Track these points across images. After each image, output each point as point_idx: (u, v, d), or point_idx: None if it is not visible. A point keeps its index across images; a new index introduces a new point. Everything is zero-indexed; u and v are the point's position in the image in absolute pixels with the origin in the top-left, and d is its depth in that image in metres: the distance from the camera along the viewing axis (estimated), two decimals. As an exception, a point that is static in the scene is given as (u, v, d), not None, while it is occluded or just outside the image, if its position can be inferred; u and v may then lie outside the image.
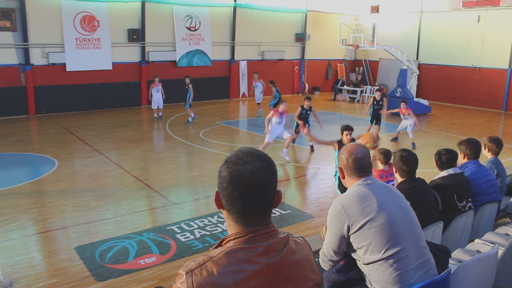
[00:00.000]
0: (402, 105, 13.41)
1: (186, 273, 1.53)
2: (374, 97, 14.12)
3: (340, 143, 7.50)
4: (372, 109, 14.02)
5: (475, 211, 4.48)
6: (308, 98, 12.41)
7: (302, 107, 12.27)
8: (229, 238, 1.63)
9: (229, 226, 1.67)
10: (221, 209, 1.67)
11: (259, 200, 1.60)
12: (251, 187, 1.58)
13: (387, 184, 2.92)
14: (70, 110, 18.08)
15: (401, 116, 13.67)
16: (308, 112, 12.34)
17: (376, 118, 14.04)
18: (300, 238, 1.79)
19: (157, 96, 16.74)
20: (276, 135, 11.63)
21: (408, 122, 13.43)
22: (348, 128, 7.65)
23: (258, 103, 18.15)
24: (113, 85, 19.07)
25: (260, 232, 1.61)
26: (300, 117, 12.23)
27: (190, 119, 16.35)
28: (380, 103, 14.00)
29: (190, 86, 16.17)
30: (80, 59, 17.96)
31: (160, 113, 17.13)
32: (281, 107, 11.40)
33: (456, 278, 2.89)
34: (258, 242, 1.59)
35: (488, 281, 3.21)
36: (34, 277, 5.68)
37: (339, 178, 7.11)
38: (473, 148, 4.97)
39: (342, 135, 7.68)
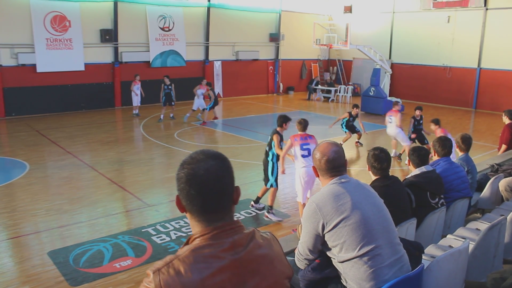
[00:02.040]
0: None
1: (153, 273, 1.54)
2: (414, 117, 11.63)
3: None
4: (413, 130, 11.65)
5: (447, 207, 4.57)
6: (357, 106, 12.90)
7: (350, 113, 12.76)
8: (195, 236, 1.65)
9: (193, 227, 1.69)
10: (184, 212, 1.69)
11: (216, 196, 1.64)
12: (207, 184, 1.61)
13: (360, 182, 2.95)
14: (42, 112, 17.70)
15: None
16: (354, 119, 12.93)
17: (420, 138, 11.67)
18: (268, 233, 1.81)
19: (137, 93, 17.52)
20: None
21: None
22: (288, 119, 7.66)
23: (203, 109, 16.93)
24: (86, 86, 18.77)
25: (225, 228, 1.64)
26: (348, 124, 12.82)
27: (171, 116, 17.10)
28: (421, 122, 11.63)
29: (172, 85, 16.83)
30: (51, 60, 17.61)
31: (137, 110, 17.76)
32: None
33: (429, 274, 2.94)
34: (224, 238, 1.61)
35: (460, 275, 3.27)
36: (4, 284, 5.54)
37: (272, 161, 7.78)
38: (444, 146, 5.07)
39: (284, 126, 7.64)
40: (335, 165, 2.89)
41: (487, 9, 20.16)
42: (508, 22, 19.55)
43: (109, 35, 18.86)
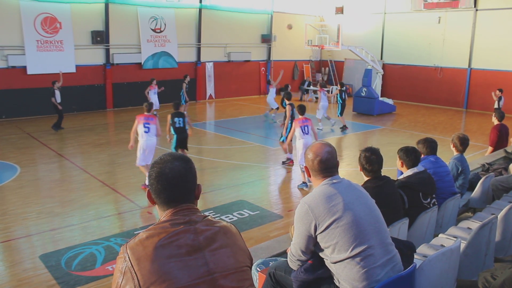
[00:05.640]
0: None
1: (122, 245, 1.84)
2: None
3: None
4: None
5: (439, 206, 4.61)
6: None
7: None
8: (160, 218, 1.97)
9: (160, 217, 1.97)
10: (154, 205, 1.98)
11: (179, 191, 1.93)
12: (171, 180, 1.91)
13: (352, 183, 2.95)
14: (32, 115, 17.56)
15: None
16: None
17: None
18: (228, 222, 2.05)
19: (154, 98, 17.13)
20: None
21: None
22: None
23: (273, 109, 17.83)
24: (77, 88, 18.64)
25: (183, 207, 1.92)
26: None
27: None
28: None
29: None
30: (42, 61, 17.47)
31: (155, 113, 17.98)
32: None
33: (421, 273, 2.96)
34: (181, 215, 1.90)
35: (452, 274, 3.30)
36: (-4, 288, 5.50)
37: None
38: (428, 147, 5.17)
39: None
40: (328, 165, 2.89)
41: (477, 10, 20.31)
42: (497, 22, 19.71)
43: (100, 37, 18.76)
